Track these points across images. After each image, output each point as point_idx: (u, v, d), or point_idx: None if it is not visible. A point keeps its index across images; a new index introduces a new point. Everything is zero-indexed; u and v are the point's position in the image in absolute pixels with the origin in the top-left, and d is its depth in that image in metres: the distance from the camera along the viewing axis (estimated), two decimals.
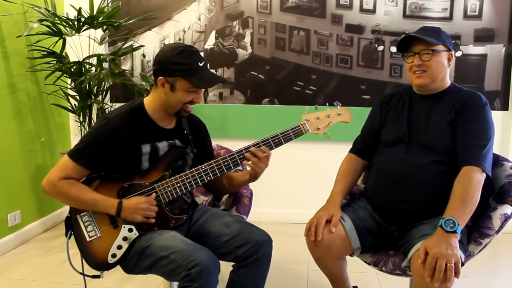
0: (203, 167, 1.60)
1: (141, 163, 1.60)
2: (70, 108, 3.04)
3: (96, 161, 1.57)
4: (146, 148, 1.60)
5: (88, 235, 1.57)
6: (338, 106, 1.70)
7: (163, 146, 1.63)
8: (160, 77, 1.56)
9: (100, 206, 1.55)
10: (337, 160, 1.90)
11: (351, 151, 1.89)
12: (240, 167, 1.72)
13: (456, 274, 1.33)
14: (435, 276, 1.33)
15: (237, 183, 1.78)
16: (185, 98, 1.57)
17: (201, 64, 1.55)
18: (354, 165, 1.84)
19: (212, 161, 1.60)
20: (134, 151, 1.58)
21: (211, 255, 1.47)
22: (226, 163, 1.60)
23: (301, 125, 1.65)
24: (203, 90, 1.63)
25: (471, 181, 1.49)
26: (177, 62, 1.52)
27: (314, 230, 1.63)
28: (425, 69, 1.64)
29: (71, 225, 1.60)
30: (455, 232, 1.39)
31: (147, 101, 1.64)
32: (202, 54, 3.23)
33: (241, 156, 1.61)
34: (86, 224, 1.58)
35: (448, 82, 1.71)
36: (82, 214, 1.58)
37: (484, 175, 1.52)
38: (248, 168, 1.69)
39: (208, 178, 1.60)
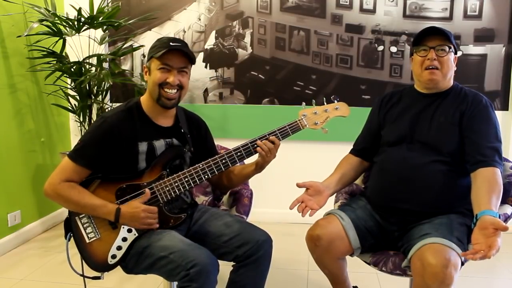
0: (201, 165, 1.59)
1: (138, 163, 1.60)
2: (70, 108, 3.04)
3: (95, 160, 1.57)
4: (142, 147, 1.60)
5: (88, 236, 1.57)
6: (336, 101, 1.68)
7: (160, 145, 1.63)
8: (144, 66, 1.63)
9: (98, 211, 1.55)
10: (337, 160, 1.89)
11: (351, 151, 1.89)
12: (238, 165, 1.72)
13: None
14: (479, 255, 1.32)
15: (243, 175, 1.74)
16: (157, 78, 1.57)
17: (172, 43, 1.56)
18: (350, 162, 1.85)
19: (209, 159, 1.60)
20: (131, 149, 1.58)
21: (210, 255, 1.46)
22: (223, 161, 1.60)
23: (298, 120, 1.63)
24: (176, 70, 1.57)
25: (501, 181, 1.51)
26: (152, 47, 1.59)
27: (303, 206, 1.64)
28: (438, 65, 1.63)
29: (71, 227, 1.60)
30: None
31: (143, 99, 1.66)
32: (202, 54, 3.23)
33: (239, 154, 1.60)
34: (85, 225, 1.58)
35: (452, 82, 1.72)
36: (81, 216, 1.58)
37: None
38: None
39: (206, 176, 1.59)
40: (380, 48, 3.10)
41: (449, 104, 1.67)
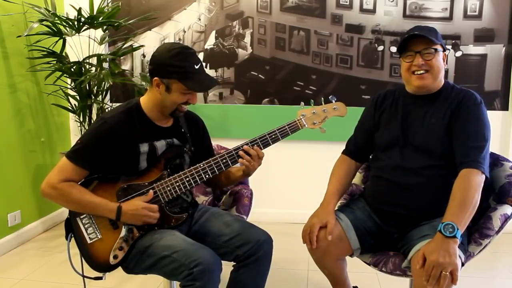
0: (201, 165, 1.60)
1: (139, 163, 1.60)
2: (70, 108, 3.04)
3: (94, 161, 1.57)
4: (144, 148, 1.60)
5: (89, 237, 1.57)
6: (333, 101, 1.69)
7: (161, 145, 1.63)
8: (156, 78, 1.56)
9: (99, 210, 1.54)
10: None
11: (344, 152, 1.86)
12: (238, 164, 1.72)
13: (453, 281, 1.33)
14: (429, 282, 1.34)
15: (233, 178, 1.77)
16: (180, 99, 1.57)
17: (197, 67, 1.54)
18: (346, 167, 1.81)
19: (210, 159, 1.60)
20: (132, 150, 1.58)
21: (213, 255, 1.47)
22: (224, 160, 1.60)
23: (297, 120, 1.64)
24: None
25: (471, 184, 1.47)
26: (173, 65, 1.52)
27: (309, 239, 1.62)
28: (427, 68, 1.60)
29: (71, 228, 1.60)
30: (454, 237, 1.37)
31: (144, 100, 1.64)
32: (202, 54, 3.23)
33: (238, 153, 1.60)
34: (86, 226, 1.58)
35: (442, 81, 1.69)
36: (82, 217, 1.58)
37: (484, 176, 1.50)
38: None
39: (207, 176, 1.60)
40: (380, 48, 3.10)
41: (440, 105, 1.64)
